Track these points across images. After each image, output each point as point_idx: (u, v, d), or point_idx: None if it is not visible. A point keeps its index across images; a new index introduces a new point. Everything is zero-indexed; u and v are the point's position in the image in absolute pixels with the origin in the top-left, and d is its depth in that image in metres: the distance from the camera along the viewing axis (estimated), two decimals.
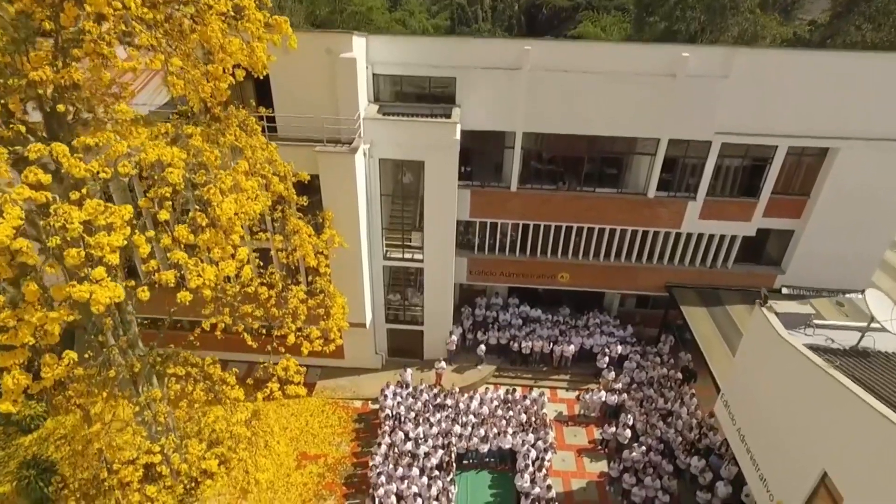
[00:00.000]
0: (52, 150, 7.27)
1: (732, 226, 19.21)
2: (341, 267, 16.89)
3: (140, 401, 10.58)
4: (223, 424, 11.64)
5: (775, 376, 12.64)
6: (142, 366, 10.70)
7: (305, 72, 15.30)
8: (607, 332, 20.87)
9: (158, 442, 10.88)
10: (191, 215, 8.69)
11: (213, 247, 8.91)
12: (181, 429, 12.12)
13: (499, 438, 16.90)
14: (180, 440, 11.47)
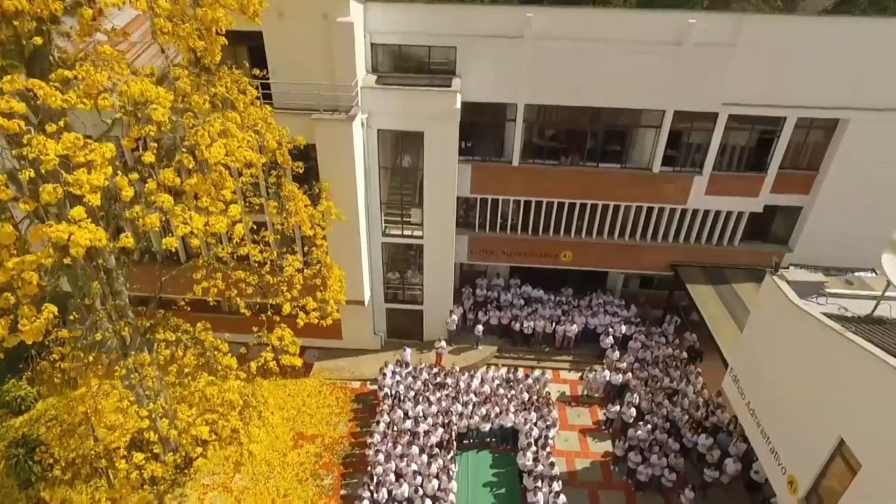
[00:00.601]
0: (29, 82, 6.83)
1: (739, 202, 18.77)
2: (339, 242, 16.47)
3: (127, 363, 10.14)
4: (214, 390, 11.20)
5: (787, 345, 12.21)
6: (130, 331, 10.26)
7: (301, 38, 14.86)
8: (611, 312, 20.43)
9: (146, 407, 10.43)
10: (177, 158, 8.27)
11: (201, 194, 8.47)
12: (170, 394, 11.62)
13: (500, 417, 16.45)
14: (169, 405, 11.02)
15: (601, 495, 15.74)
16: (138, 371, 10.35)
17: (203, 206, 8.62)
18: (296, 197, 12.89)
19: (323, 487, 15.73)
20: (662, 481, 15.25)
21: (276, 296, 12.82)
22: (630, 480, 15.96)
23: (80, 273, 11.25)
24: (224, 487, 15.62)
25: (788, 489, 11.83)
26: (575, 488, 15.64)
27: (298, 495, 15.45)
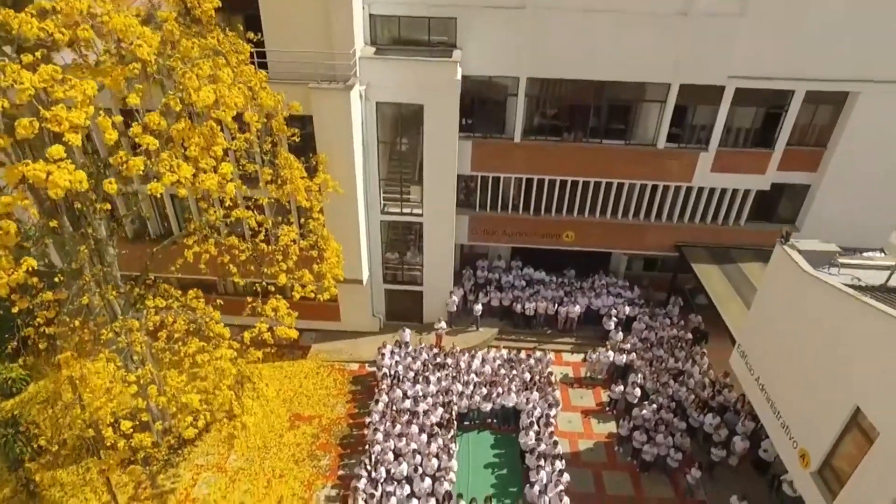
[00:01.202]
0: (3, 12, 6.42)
1: (746, 179, 18.37)
2: (336, 218, 16.06)
3: (114, 326, 9.74)
4: (206, 357, 10.79)
5: (800, 315, 11.83)
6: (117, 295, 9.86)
7: (298, 6, 14.44)
8: (614, 294, 20.03)
9: (135, 373, 10.02)
10: (164, 101, 7.86)
11: (189, 143, 8.07)
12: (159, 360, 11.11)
13: (502, 397, 16.05)
14: (158, 370, 10.61)
15: (605, 476, 15.36)
16: (126, 335, 9.95)
17: (192, 156, 8.21)
18: (291, 165, 12.47)
19: (320, 468, 15.34)
20: (668, 461, 14.86)
21: (271, 265, 12.40)
22: (635, 461, 15.58)
23: (68, 239, 10.85)
24: (218, 468, 15.24)
25: (800, 463, 11.45)
26: (578, 469, 15.24)
27: (295, 475, 15.07)
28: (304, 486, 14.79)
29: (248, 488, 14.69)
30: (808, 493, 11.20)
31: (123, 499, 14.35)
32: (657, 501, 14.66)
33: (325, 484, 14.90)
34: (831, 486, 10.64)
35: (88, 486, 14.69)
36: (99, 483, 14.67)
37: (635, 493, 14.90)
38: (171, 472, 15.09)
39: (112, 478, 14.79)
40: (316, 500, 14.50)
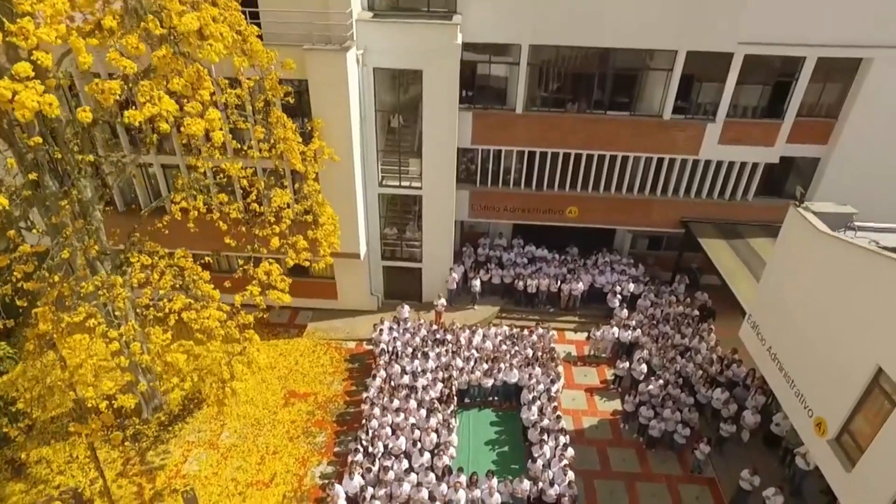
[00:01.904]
0: None
1: (754, 152, 17.85)
2: (333, 190, 15.53)
3: (95, 280, 9.22)
4: (192, 315, 10.27)
5: (816, 278, 11.32)
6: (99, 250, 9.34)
7: None
8: (618, 271, 19.51)
9: (118, 330, 9.50)
10: (142, 25, 7.34)
11: (171, 74, 7.55)
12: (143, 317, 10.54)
13: (503, 372, 15.54)
14: (142, 327, 10.10)
15: (611, 453, 14.85)
16: (107, 290, 9.43)
17: (175, 90, 7.69)
18: (285, 125, 11.95)
19: (315, 445, 14.83)
20: (675, 437, 14.35)
21: (263, 228, 11.88)
22: (641, 438, 15.07)
23: (49, 195, 10.34)
24: (210, 444, 14.73)
25: (816, 432, 10.95)
26: (583, 446, 14.76)
27: (289, 452, 14.56)
28: (299, 463, 14.29)
29: (241, 465, 14.19)
30: (825, 463, 10.71)
31: (111, 475, 13.84)
32: (664, 478, 14.16)
33: (320, 461, 14.40)
34: (850, 453, 10.15)
35: (75, 463, 14.20)
36: (86, 460, 14.19)
37: (641, 469, 14.39)
38: (161, 448, 14.59)
39: (100, 454, 14.32)
40: (311, 476, 13.99)
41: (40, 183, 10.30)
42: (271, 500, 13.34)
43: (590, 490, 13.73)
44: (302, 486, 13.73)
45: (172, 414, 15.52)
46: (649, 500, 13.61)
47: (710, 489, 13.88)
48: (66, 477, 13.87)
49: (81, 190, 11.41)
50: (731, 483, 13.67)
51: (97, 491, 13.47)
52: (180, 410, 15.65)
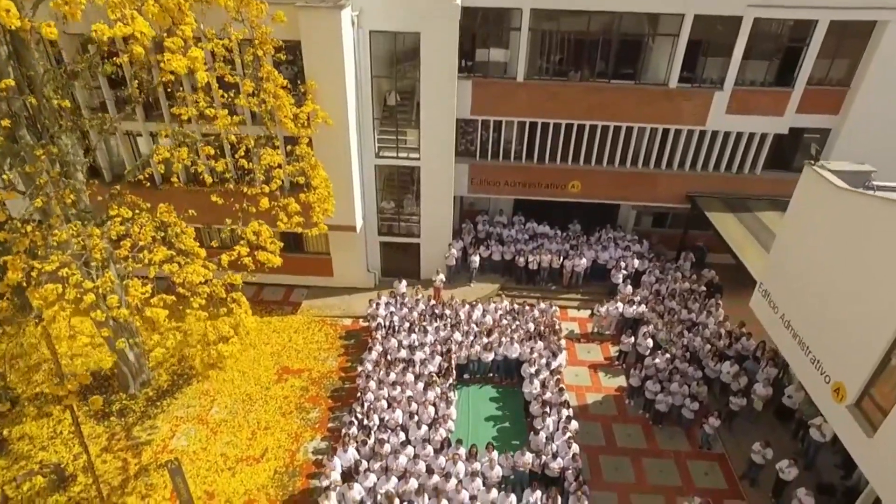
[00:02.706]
0: None
1: (763, 122, 17.28)
2: (327, 159, 14.86)
3: (70, 228, 8.64)
4: (174, 268, 9.68)
5: (833, 237, 10.74)
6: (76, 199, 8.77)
7: None
8: (622, 247, 18.93)
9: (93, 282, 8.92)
10: None
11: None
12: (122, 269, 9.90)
13: (504, 347, 14.98)
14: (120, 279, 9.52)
15: (616, 429, 14.30)
16: (84, 239, 8.85)
17: (150, 13, 7.11)
18: (276, 81, 11.37)
19: (308, 420, 14.27)
20: (683, 412, 13.78)
21: (252, 185, 11.30)
22: (647, 414, 14.52)
23: (25, 146, 9.78)
24: (199, 420, 14.17)
25: (834, 398, 10.39)
26: (587, 422, 14.18)
27: (281, 428, 14.01)
28: (292, 439, 13.73)
29: (231, 440, 13.63)
30: (844, 430, 10.13)
31: (95, 450, 13.28)
32: (672, 454, 13.60)
33: (313, 436, 13.84)
34: (871, 417, 9.57)
35: (59, 439, 13.64)
36: (70, 436, 13.64)
37: (648, 445, 13.84)
38: (148, 423, 14.03)
39: (84, 430, 13.75)
40: (304, 451, 13.43)
41: (16, 136, 9.75)
42: (262, 476, 12.79)
43: (594, 466, 13.18)
44: (294, 461, 13.17)
45: (161, 389, 14.97)
46: (657, 475, 13.05)
47: (719, 465, 13.33)
48: (48, 453, 13.31)
49: (62, 148, 10.87)
50: (741, 458, 13.14)
51: (80, 466, 12.92)
52: (169, 386, 15.10)
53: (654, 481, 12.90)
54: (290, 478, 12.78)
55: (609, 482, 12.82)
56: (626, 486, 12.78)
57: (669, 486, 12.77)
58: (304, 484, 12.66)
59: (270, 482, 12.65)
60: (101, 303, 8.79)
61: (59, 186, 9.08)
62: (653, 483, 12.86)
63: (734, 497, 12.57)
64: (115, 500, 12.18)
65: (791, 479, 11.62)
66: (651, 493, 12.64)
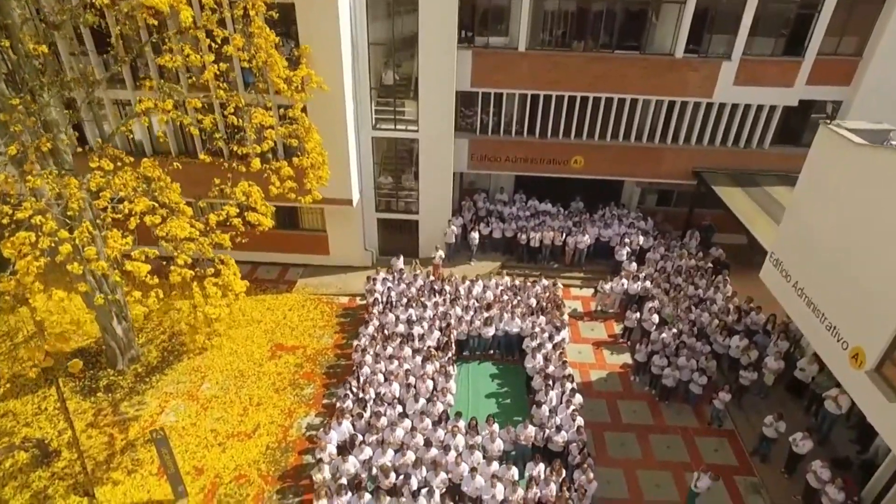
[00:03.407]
0: None
1: (772, 94, 16.77)
2: (322, 128, 14.31)
3: (45, 173, 8.13)
4: (156, 219, 9.13)
5: (852, 197, 10.25)
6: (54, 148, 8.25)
7: None
8: (626, 224, 18.42)
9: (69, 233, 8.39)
10: None
11: None
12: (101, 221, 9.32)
13: (505, 322, 14.47)
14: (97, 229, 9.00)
15: (621, 405, 13.80)
16: (59, 186, 8.33)
17: None
18: (267, 37, 10.85)
19: (303, 396, 13.78)
20: (691, 387, 13.28)
21: (242, 144, 10.80)
22: (653, 390, 14.03)
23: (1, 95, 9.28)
24: (189, 396, 13.68)
25: (853, 364, 9.88)
26: (591, 398, 13.67)
27: (274, 404, 13.51)
28: (285, 415, 13.23)
29: (222, 416, 13.14)
30: (864, 397, 9.64)
31: (80, 425, 12.79)
32: (680, 430, 13.10)
33: (307, 412, 13.34)
34: (893, 382, 9.08)
35: (44, 415, 13.14)
36: (55, 412, 13.14)
37: (655, 422, 13.34)
38: (136, 399, 13.53)
39: (70, 406, 13.28)
40: (297, 427, 12.93)
41: None
42: (253, 451, 12.29)
43: (599, 442, 12.69)
44: (287, 437, 12.68)
45: (150, 366, 14.48)
46: (664, 452, 12.55)
47: (729, 441, 12.83)
48: (32, 429, 12.81)
49: (44, 106, 10.37)
50: (752, 434, 12.65)
51: (65, 442, 12.43)
52: (159, 362, 14.61)
53: (661, 457, 12.41)
54: (283, 453, 12.28)
55: (614, 458, 12.33)
56: (633, 462, 12.29)
57: (677, 462, 12.28)
58: (297, 460, 12.17)
59: (262, 457, 12.16)
60: (78, 254, 8.26)
61: (36, 135, 8.57)
62: (660, 459, 12.37)
63: (745, 473, 12.08)
64: (100, 475, 11.69)
65: (805, 453, 11.14)
66: (658, 469, 12.14)
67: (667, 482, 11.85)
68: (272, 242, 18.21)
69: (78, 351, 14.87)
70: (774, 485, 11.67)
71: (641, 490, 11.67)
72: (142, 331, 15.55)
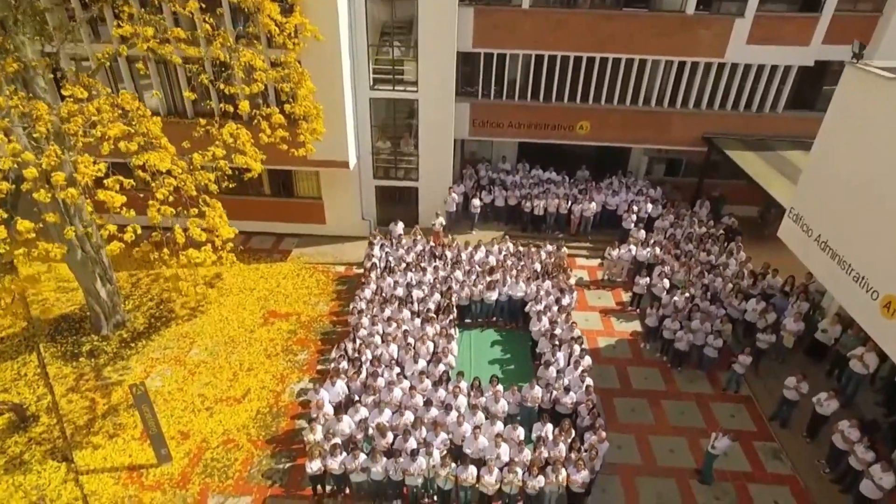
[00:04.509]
0: None
1: (787, 53, 16.07)
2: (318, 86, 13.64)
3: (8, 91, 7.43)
4: (133, 146, 8.38)
5: (883, 137, 9.54)
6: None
7: None
8: (634, 191, 17.72)
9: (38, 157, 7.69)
10: None
11: None
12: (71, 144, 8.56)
13: (509, 286, 13.79)
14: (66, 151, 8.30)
15: (631, 372, 13.11)
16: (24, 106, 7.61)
17: None
18: None
19: (296, 362, 13.10)
20: (706, 351, 12.58)
21: (229, 82, 10.10)
22: (665, 357, 13.34)
23: None
24: (177, 361, 13.00)
25: (884, 314, 9.22)
26: (600, 365, 12.97)
27: (266, 369, 12.83)
28: (277, 380, 12.55)
29: (210, 381, 12.46)
30: None
31: (61, 389, 12.11)
32: (694, 396, 12.41)
33: (301, 378, 12.66)
34: None
35: (23, 381, 12.47)
36: (35, 377, 12.48)
37: (667, 388, 12.65)
38: (121, 364, 12.86)
39: (50, 371, 12.63)
40: (290, 393, 12.25)
41: None
42: (243, 416, 11.61)
43: (608, 408, 11.99)
44: (279, 402, 11.99)
45: (136, 332, 13.80)
46: (678, 417, 11.86)
47: (746, 407, 12.14)
48: (10, 395, 12.13)
49: (19, 46, 9.70)
50: (769, 401, 11.96)
51: (44, 407, 11.76)
52: (145, 328, 13.94)
53: (675, 423, 11.72)
54: (274, 418, 11.60)
55: (625, 423, 11.64)
56: (645, 427, 11.60)
57: (693, 428, 11.59)
58: (289, 424, 11.49)
59: (252, 422, 11.48)
60: (44, 181, 7.57)
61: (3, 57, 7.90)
62: (674, 425, 11.68)
63: (764, 439, 11.39)
64: (79, 439, 11.00)
65: (830, 414, 10.45)
66: (672, 434, 11.45)
67: (681, 448, 11.16)
68: (266, 211, 17.59)
69: (61, 317, 14.25)
70: (796, 450, 10.99)
71: (654, 455, 10.98)
72: (129, 297, 14.89)
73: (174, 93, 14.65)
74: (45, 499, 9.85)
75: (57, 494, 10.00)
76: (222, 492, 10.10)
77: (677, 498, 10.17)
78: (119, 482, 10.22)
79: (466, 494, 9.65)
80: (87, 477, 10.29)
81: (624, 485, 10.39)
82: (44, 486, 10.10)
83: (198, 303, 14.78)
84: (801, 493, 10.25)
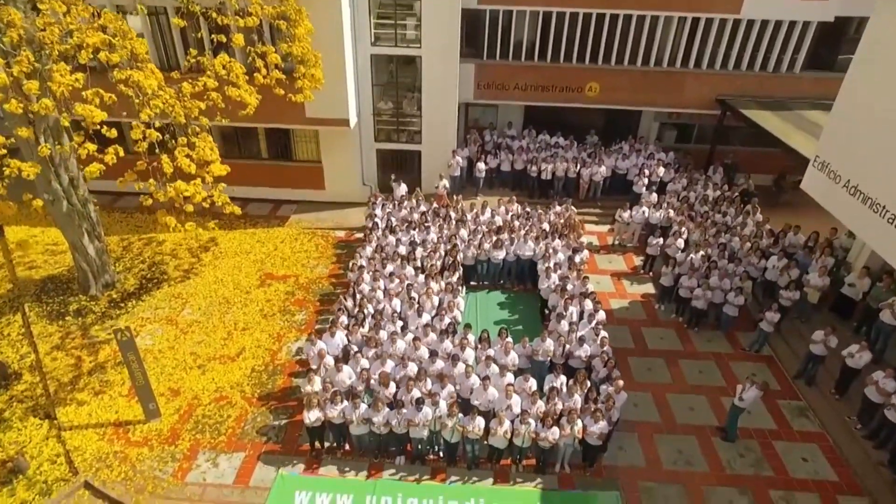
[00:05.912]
0: None
1: (805, 7, 15.42)
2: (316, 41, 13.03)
3: None
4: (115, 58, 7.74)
5: None
6: None
7: None
8: (645, 155, 17.07)
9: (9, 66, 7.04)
10: None
11: None
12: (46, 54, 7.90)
13: (517, 245, 13.16)
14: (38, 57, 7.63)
15: (646, 333, 12.47)
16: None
17: None
18: None
19: (294, 322, 12.48)
20: (726, 309, 11.92)
21: (223, 14, 9.46)
22: (681, 317, 12.70)
23: None
24: (168, 320, 12.37)
25: None
26: (613, 325, 12.30)
27: (262, 329, 12.20)
28: (273, 339, 11.93)
29: (203, 340, 11.84)
30: None
31: (45, 347, 11.49)
32: (713, 356, 11.77)
33: (298, 336, 12.03)
34: None
35: (6, 340, 11.84)
36: (18, 337, 11.84)
37: (684, 347, 12.02)
38: (109, 323, 12.22)
39: (35, 329, 12.00)
40: (287, 351, 11.62)
41: None
42: (237, 374, 10.98)
43: (623, 367, 11.26)
44: (275, 360, 11.37)
45: (126, 292, 13.18)
46: (696, 376, 11.23)
47: (768, 366, 11.51)
48: None
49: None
50: (793, 361, 11.33)
51: (27, 365, 11.12)
52: (136, 290, 13.31)
53: (693, 381, 11.09)
54: (270, 376, 10.97)
55: (641, 382, 11.00)
56: (662, 386, 10.97)
57: (713, 387, 10.95)
58: (286, 382, 10.87)
59: (246, 380, 10.85)
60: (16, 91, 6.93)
61: None
62: (693, 383, 11.05)
63: (789, 397, 10.76)
64: (63, 395, 10.38)
65: (861, 367, 9.80)
66: (691, 393, 10.82)
67: (701, 405, 10.53)
68: (263, 176, 16.97)
69: (48, 278, 13.63)
70: (824, 407, 10.36)
71: (673, 413, 10.35)
72: (119, 260, 14.27)
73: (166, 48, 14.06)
74: (24, 454, 9.22)
75: (38, 451, 9.37)
76: (213, 448, 9.48)
77: (698, 454, 9.54)
78: (104, 438, 9.60)
79: (474, 448, 9.02)
80: (70, 433, 9.66)
81: (642, 442, 9.76)
82: (24, 443, 9.47)
83: (191, 265, 14.18)
84: (830, 450, 9.62)
